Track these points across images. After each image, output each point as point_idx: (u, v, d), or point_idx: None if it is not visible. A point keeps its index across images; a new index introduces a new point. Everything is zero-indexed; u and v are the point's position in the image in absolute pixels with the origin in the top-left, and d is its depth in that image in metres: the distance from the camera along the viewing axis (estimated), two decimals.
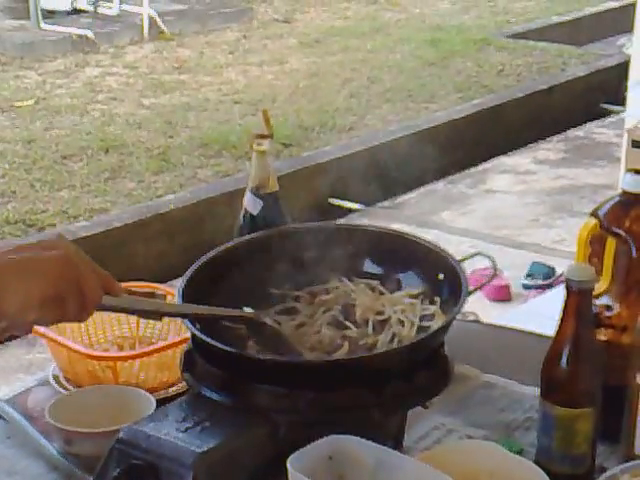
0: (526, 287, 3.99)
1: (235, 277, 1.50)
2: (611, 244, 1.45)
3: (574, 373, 1.34)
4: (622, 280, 1.46)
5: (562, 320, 1.34)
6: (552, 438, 1.37)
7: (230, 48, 7.76)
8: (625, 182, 1.45)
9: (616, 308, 1.46)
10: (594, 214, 1.47)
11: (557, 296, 1.39)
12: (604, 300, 1.46)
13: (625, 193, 1.45)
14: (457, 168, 5.49)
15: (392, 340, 1.40)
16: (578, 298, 1.33)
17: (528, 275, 4.03)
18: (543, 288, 3.90)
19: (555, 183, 5.30)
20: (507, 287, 3.96)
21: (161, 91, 6.65)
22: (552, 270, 3.99)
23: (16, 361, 3.47)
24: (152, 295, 1.49)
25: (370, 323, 1.43)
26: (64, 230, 4.45)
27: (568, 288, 1.33)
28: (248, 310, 1.43)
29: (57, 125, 5.93)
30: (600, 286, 1.45)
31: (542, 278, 3.98)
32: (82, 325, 1.69)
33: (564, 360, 1.34)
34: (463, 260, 1.44)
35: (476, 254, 1.46)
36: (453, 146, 5.86)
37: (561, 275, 3.77)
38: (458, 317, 1.39)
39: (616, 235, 1.44)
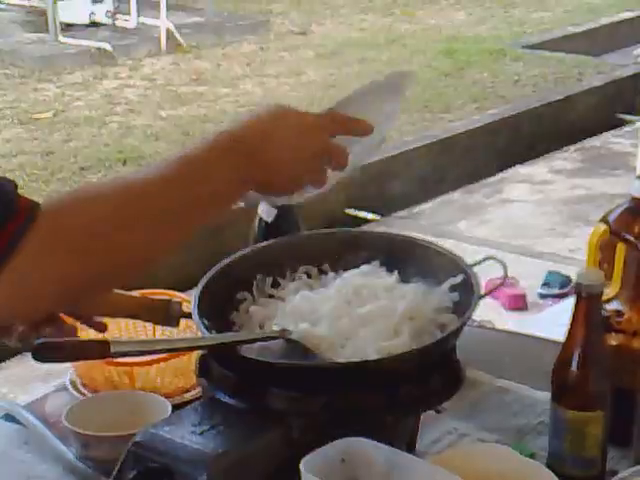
0: (542, 296, 4.00)
1: (250, 284, 1.51)
2: (621, 250, 1.46)
3: (584, 376, 1.35)
4: (632, 285, 1.47)
5: (572, 324, 1.35)
6: (563, 441, 1.38)
7: (247, 60, 7.79)
8: (634, 188, 1.46)
9: (626, 313, 1.47)
10: (604, 220, 1.49)
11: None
12: (614, 305, 1.47)
13: (634, 199, 1.46)
14: (474, 178, 5.50)
15: None
16: (587, 302, 1.34)
17: (544, 284, 4.03)
18: (559, 297, 3.90)
19: (571, 193, 5.31)
20: (523, 296, 3.96)
21: (178, 103, 6.69)
22: (568, 279, 4.00)
23: (33, 370, 3.48)
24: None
25: None
26: None
27: (577, 292, 1.35)
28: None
29: (75, 137, 5.97)
30: (610, 291, 1.46)
31: (558, 287, 3.99)
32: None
33: (574, 363, 1.35)
34: (475, 265, 1.45)
35: (488, 258, 1.47)
36: (469, 156, 5.87)
37: None
38: (474, 324, 1.40)
39: (626, 241, 1.46)
